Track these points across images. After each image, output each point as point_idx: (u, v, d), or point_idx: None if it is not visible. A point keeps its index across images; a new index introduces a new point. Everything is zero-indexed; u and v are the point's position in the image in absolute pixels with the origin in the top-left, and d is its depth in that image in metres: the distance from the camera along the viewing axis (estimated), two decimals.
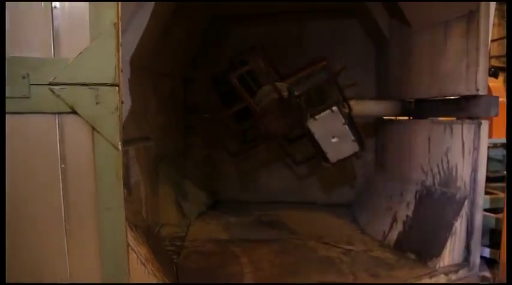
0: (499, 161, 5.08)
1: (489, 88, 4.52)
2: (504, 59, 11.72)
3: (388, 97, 5.20)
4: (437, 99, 4.26)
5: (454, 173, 3.93)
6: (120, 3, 1.85)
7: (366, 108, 4.72)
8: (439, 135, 4.13)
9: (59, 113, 1.87)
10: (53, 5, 1.81)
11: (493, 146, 5.00)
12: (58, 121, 1.89)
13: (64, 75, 1.82)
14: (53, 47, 1.84)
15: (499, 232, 3.72)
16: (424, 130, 4.37)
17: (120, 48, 1.89)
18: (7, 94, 1.79)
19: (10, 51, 1.79)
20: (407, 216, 4.29)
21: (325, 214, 5.66)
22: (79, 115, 1.87)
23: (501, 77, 10.93)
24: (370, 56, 6.07)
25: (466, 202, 3.75)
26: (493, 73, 8.41)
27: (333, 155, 4.16)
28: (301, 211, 5.81)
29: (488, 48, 3.82)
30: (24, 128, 1.87)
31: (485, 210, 4.02)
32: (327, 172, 5.30)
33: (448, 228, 3.76)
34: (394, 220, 4.43)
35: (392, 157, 5.19)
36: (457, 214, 3.77)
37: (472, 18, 3.69)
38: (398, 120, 5.08)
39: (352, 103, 4.42)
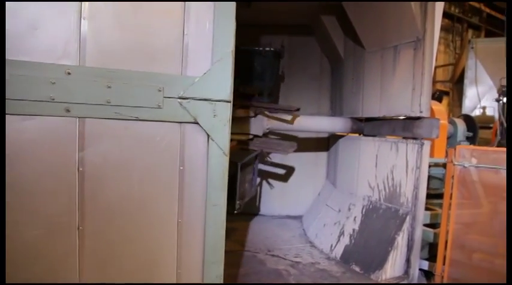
0: (439, 179, 5.42)
1: (432, 111, 4.83)
2: (449, 84, 12.58)
3: (340, 114, 5.41)
4: (385, 118, 4.48)
5: (398, 189, 4.14)
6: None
7: (319, 123, 4.87)
8: (385, 153, 4.34)
9: (183, 122, 2.19)
10: (185, 31, 2.15)
11: (434, 165, 5.32)
12: (181, 129, 2.20)
13: (190, 90, 2.15)
14: (182, 66, 2.16)
15: (437, 246, 3.96)
16: (372, 148, 4.57)
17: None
18: (143, 104, 2.09)
19: (148, 67, 2.10)
20: (353, 230, 4.44)
21: (277, 226, 5.72)
22: (199, 125, 2.19)
23: (445, 101, 11.72)
24: (326, 73, 6.28)
25: (408, 218, 3.96)
26: (438, 97, 9.01)
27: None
28: (253, 222, 5.83)
29: (432, 73, 4.09)
30: (154, 134, 2.16)
31: (425, 225, 4.26)
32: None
33: (391, 242, 3.94)
34: (342, 233, 4.57)
35: (342, 172, 5.38)
36: (399, 228, 3.96)
37: (418, 45, 3.94)
38: (349, 136, 5.28)
39: (306, 118, 4.55)
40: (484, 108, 8.76)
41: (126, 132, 2.12)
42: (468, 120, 6.69)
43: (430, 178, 5.05)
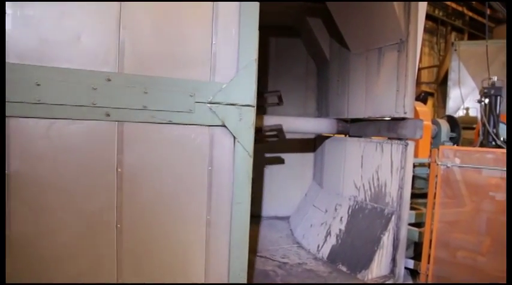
0: (424, 179, 5.50)
1: (416, 112, 4.90)
2: (433, 85, 12.79)
3: (326, 115, 5.45)
4: (370, 119, 4.53)
5: (383, 189, 4.18)
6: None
7: (305, 125, 4.90)
8: (371, 153, 4.39)
9: (212, 126, 2.34)
10: (213, 41, 2.30)
11: (419, 165, 5.40)
12: (210, 132, 2.35)
13: (219, 96, 2.31)
14: (211, 73, 2.32)
15: (422, 245, 4.02)
16: (358, 148, 4.62)
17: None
18: (176, 108, 2.23)
19: (180, 74, 2.25)
20: (340, 230, 4.47)
21: (264, 227, 5.72)
22: (226, 128, 2.35)
23: (430, 102, 11.91)
24: (312, 74, 6.33)
25: (393, 217, 4.01)
26: (423, 98, 9.16)
27: None
28: None
29: (416, 75, 4.16)
30: (186, 137, 2.31)
31: (410, 224, 4.32)
32: None
33: (377, 242, 3.98)
34: (328, 233, 4.60)
35: (329, 172, 5.42)
36: (385, 228, 4.01)
37: (402, 47, 4.00)
38: (335, 137, 5.33)
39: (292, 119, 4.57)
40: (467, 109, 8.93)
41: (161, 134, 2.26)
42: (451, 120, 6.82)
43: (414, 178, 5.14)
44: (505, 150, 3.68)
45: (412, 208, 4.44)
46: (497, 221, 3.84)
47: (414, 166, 4.60)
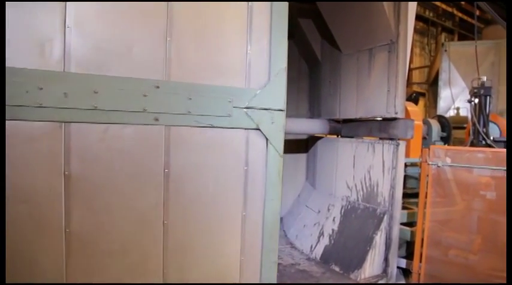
0: (416, 179, 5.54)
1: (407, 112, 4.93)
2: (425, 86, 12.89)
3: (318, 116, 5.47)
4: (362, 119, 4.56)
5: (375, 189, 4.21)
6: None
7: (298, 125, 4.91)
8: (362, 154, 4.41)
9: (247, 128, 2.54)
10: (248, 50, 2.51)
11: (411, 164, 5.44)
12: (246, 135, 2.55)
13: (254, 101, 2.51)
14: (246, 80, 2.52)
15: (414, 244, 4.04)
16: (349, 149, 4.64)
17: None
18: (216, 113, 2.41)
19: (220, 82, 2.43)
20: (333, 230, 4.49)
21: None
22: (260, 131, 2.57)
23: (421, 102, 12.00)
24: (304, 76, 6.35)
25: (385, 217, 4.03)
26: (414, 98, 9.23)
27: None
28: None
29: (406, 75, 4.19)
30: (224, 139, 2.49)
31: (402, 224, 4.35)
32: None
33: (369, 241, 4.00)
34: (321, 234, 4.61)
35: (321, 173, 5.43)
36: (377, 228, 4.03)
37: (392, 48, 4.03)
38: (328, 138, 5.35)
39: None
40: (457, 108, 9.02)
41: (202, 137, 2.44)
42: (442, 120, 6.87)
43: (406, 177, 5.18)
44: (494, 149, 3.73)
45: (404, 208, 4.47)
46: (488, 219, 3.88)
47: (406, 165, 4.63)
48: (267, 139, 2.60)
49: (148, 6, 2.22)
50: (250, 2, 2.49)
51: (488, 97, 6.04)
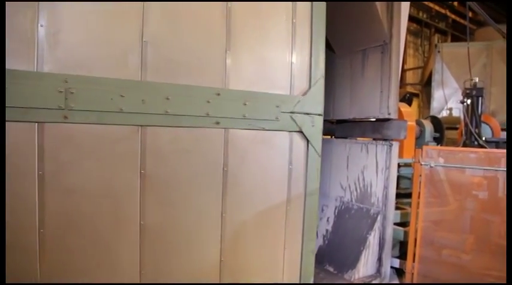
0: (409, 179, 5.57)
1: (401, 113, 4.96)
2: (418, 87, 12.97)
3: None
4: (355, 120, 4.58)
5: (369, 190, 4.23)
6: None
7: None
8: (356, 154, 4.43)
9: (292, 131, 2.83)
10: (293, 61, 2.82)
11: (404, 165, 5.47)
12: (290, 137, 2.84)
13: (297, 107, 2.81)
14: (290, 88, 2.82)
15: (407, 244, 4.07)
16: (343, 149, 4.66)
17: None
18: (267, 117, 2.69)
19: (269, 89, 2.72)
20: (327, 230, 4.51)
21: None
22: (302, 133, 2.86)
23: (415, 103, 12.08)
24: None
25: (379, 217, 4.05)
26: (408, 99, 9.27)
27: None
28: None
29: (399, 76, 4.22)
30: (272, 141, 2.79)
31: (395, 224, 4.37)
32: None
33: (363, 241, 4.02)
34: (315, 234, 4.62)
35: None
36: (371, 228, 4.05)
37: (385, 49, 4.06)
38: (322, 138, 5.35)
39: None
40: (450, 109, 9.08)
41: (254, 139, 2.71)
42: (435, 121, 6.92)
43: (400, 178, 5.20)
44: (487, 149, 3.77)
45: (397, 208, 4.49)
46: (480, 219, 3.92)
47: (399, 166, 4.66)
48: (308, 140, 2.89)
49: (214, 25, 2.53)
50: (294, 19, 2.82)
51: (480, 98, 6.08)
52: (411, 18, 12.41)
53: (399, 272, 4.28)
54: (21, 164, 2.02)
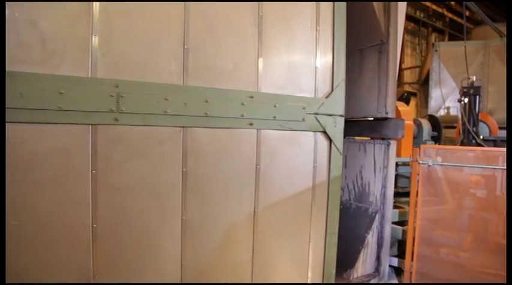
0: (407, 178, 5.57)
1: (398, 112, 4.97)
2: (416, 86, 13.00)
3: None
4: (353, 119, 4.58)
5: (367, 189, 4.23)
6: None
7: None
8: (354, 154, 4.43)
9: (316, 131, 3.05)
10: (317, 65, 3.04)
11: (402, 164, 5.47)
12: (315, 136, 3.06)
13: (321, 108, 3.03)
14: (314, 91, 3.04)
15: (405, 243, 4.07)
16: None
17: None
18: (294, 118, 2.90)
19: (296, 92, 2.93)
20: None
21: None
22: (325, 133, 3.09)
23: (413, 102, 12.09)
24: None
25: (377, 216, 4.05)
26: (406, 98, 9.29)
27: None
28: None
29: (397, 75, 4.22)
30: (299, 140, 2.99)
31: (394, 223, 4.38)
32: None
33: (361, 240, 4.02)
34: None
35: None
36: (369, 227, 4.05)
37: (382, 48, 4.06)
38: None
39: None
40: (448, 108, 9.10)
41: (283, 139, 2.90)
42: (433, 120, 6.93)
43: (398, 176, 5.20)
44: (484, 148, 3.77)
45: (395, 207, 4.49)
46: (478, 217, 3.92)
47: (397, 165, 4.66)
48: (330, 140, 3.11)
49: (246, 33, 2.70)
50: (318, 24, 3.02)
51: (477, 96, 6.11)
52: (408, 18, 12.43)
53: (398, 270, 4.29)
54: (77, 164, 2.16)
